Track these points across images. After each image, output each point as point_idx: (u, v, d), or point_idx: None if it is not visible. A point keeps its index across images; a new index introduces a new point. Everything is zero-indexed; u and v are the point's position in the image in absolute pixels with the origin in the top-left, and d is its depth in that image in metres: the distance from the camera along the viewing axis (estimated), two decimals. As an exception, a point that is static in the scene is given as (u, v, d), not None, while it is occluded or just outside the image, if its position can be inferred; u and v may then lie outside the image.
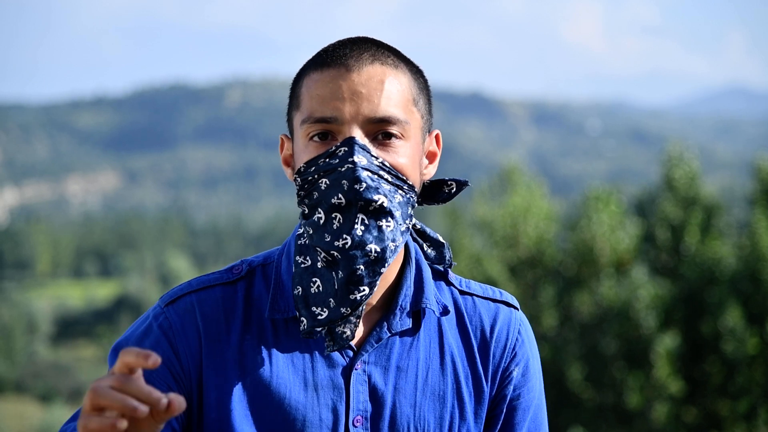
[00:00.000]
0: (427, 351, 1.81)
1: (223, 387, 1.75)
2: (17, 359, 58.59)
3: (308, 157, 1.73)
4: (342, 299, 1.70)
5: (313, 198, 1.72)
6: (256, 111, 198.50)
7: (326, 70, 1.74)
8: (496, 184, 22.63)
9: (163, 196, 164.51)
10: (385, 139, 1.73)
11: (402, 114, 1.73)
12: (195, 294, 1.79)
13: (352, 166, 1.68)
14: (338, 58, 1.74)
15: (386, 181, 1.71)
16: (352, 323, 1.73)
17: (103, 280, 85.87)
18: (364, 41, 1.78)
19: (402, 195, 1.73)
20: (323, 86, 1.73)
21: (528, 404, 1.87)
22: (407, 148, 1.74)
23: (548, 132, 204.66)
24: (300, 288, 1.74)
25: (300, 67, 1.80)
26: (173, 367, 1.74)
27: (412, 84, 1.77)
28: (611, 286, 19.36)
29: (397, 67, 1.76)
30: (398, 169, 1.72)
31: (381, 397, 1.78)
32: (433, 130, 1.83)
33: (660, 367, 18.38)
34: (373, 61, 1.74)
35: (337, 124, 1.71)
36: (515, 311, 1.89)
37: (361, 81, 1.72)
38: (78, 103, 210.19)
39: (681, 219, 19.88)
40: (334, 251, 1.69)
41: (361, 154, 1.69)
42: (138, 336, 1.76)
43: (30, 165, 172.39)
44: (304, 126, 1.74)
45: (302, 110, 1.75)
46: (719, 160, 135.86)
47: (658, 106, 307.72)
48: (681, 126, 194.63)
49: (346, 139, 1.70)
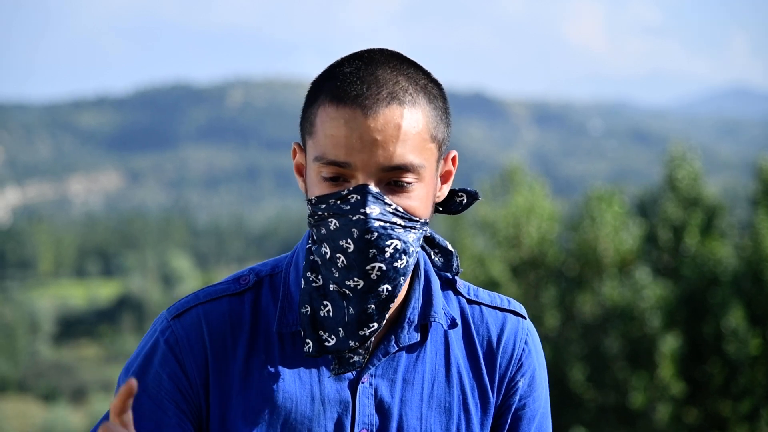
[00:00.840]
0: (433, 363, 1.80)
1: (228, 401, 1.74)
2: (20, 359, 58.62)
3: (320, 192, 1.70)
4: (352, 333, 1.69)
5: (321, 232, 1.70)
6: (258, 111, 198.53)
7: (342, 108, 1.68)
8: (498, 184, 22.62)
9: (165, 196, 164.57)
10: (398, 184, 1.69)
11: (418, 159, 1.69)
12: (202, 306, 1.78)
13: (364, 218, 1.65)
14: (356, 97, 1.68)
15: (399, 226, 1.68)
16: (361, 354, 1.73)
17: (105, 280, 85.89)
18: (382, 66, 1.72)
19: (415, 233, 1.71)
20: (338, 128, 1.68)
21: (533, 414, 1.86)
22: (421, 189, 1.71)
23: (550, 132, 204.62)
24: (309, 308, 1.73)
25: (315, 82, 1.75)
26: (180, 383, 1.74)
27: (430, 117, 1.72)
28: (614, 286, 19.34)
29: (415, 105, 1.70)
30: (411, 211, 1.70)
31: (388, 410, 1.77)
32: (449, 152, 1.80)
33: (664, 367, 18.37)
34: (391, 101, 1.68)
35: (350, 170, 1.67)
36: (523, 320, 1.88)
37: (377, 127, 1.66)
38: (80, 102, 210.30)
39: (683, 219, 19.85)
40: (346, 289, 1.68)
41: (375, 204, 1.66)
42: (145, 355, 1.76)
43: (32, 165, 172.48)
44: (317, 163, 1.70)
45: (316, 144, 1.71)
46: (721, 160, 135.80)
47: (660, 107, 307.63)
48: (683, 126, 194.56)
49: (359, 187, 1.67)
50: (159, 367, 1.74)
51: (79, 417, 45.56)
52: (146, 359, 1.76)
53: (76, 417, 45.40)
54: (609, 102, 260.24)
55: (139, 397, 1.73)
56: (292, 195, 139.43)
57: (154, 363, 1.75)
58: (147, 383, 1.74)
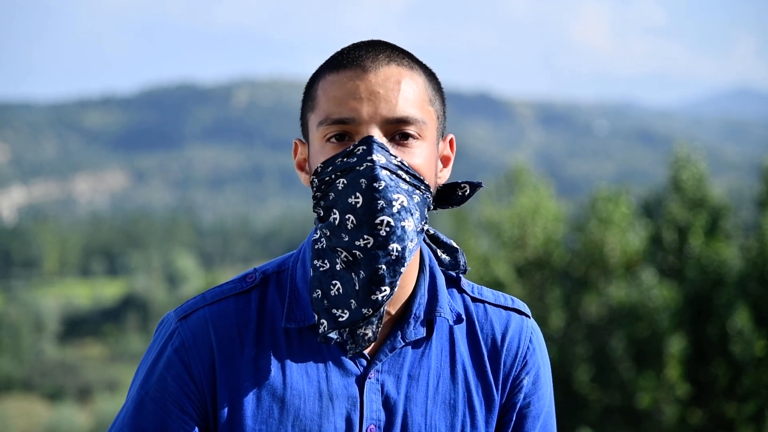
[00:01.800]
0: (438, 359, 1.81)
1: (237, 400, 1.75)
2: (24, 358, 58.65)
3: (325, 157, 1.73)
4: (364, 300, 1.69)
5: (329, 199, 1.71)
6: (264, 111, 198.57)
7: (342, 71, 1.74)
8: (503, 185, 22.59)
9: (171, 195, 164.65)
10: (402, 139, 1.72)
11: (419, 114, 1.73)
12: (208, 308, 1.79)
13: (371, 164, 1.68)
14: (354, 59, 1.74)
15: (404, 181, 1.71)
16: (374, 324, 1.72)
17: (110, 279, 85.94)
18: (378, 43, 1.78)
19: (419, 195, 1.73)
20: (340, 87, 1.72)
21: (538, 412, 1.87)
22: (424, 149, 1.74)
23: (555, 132, 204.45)
24: (320, 291, 1.74)
25: (314, 70, 1.80)
26: (186, 385, 1.75)
27: (427, 85, 1.78)
28: (621, 287, 19.31)
29: (412, 69, 1.76)
30: (416, 168, 1.72)
31: (393, 406, 1.78)
32: (447, 134, 1.84)
33: (671, 368, 18.35)
34: (389, 62, 1.74)
35: (354, 125, 1.71)
36: (527, 319, 1.89)
37: (378, 81, 1.72)
38: (86, 102, 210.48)
39: (688, 220, 19.81)
40: (356, 251, 1.69)
41: (380, 152, 1.69)
42: (152, 357, 1.78)
43: (38, 164, 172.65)
44: (321, 128, 1.73)
45: (318, 112, 1.74)
46: (727, 161, 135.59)
47: (665, 107, 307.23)
48: (688, 127, 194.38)
49: (364, 138, 1.70)
50: (164, 370, 1.75)
51: (85, 416, 45.60)
52: (153, 362, 1.77)
53: (81, 416, 45.44)
54: (614, 102, 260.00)
55: (143, 400, 1.75)
56: (297, 195, 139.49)
57: (159, 366, 1.76)
58: (151, 386, 1.75)
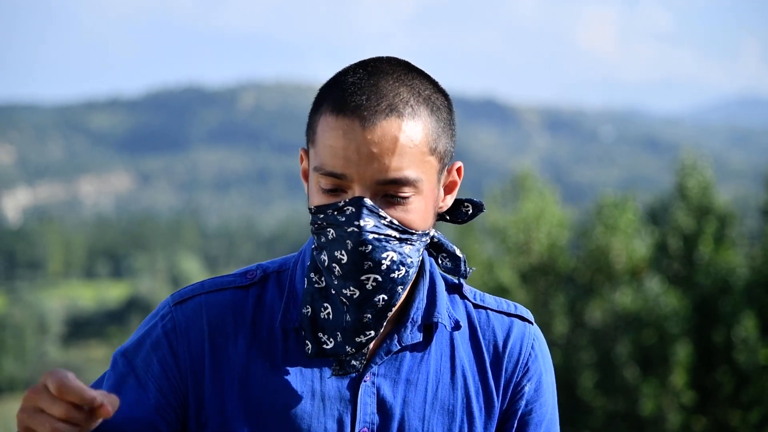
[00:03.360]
0: (437, 364, 1.80)
1: (226, 394, 1.74)
2: (28, 359, 58.71)
3: (319, 202, 1.71)
4: (348, 340, 1.70)
5: (321, 241, 1.70)
6: (270, 114, 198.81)
7: (341, 118, 1.68)
8: (508, 190, 22.58)
9: (176, 197, 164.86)
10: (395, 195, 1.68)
11: (415, 173, 1.68)
12: (205, 296, 1.78)
13: (358, 230, 1.65)
14: (355, 108, 1.68)
15: (394, 239, 1.68)
16: (359, 359, 1.72)
17: (115, 281, 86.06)
18: (386, 77, 1.71)
19: (412, 245, 1.70)
20: (336, 139, 1.68)
21: (540, 419, 1.85)
22: (419, 202, 1.70)
23: (561, 138, 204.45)
24: (309, 309, 1.73)
25: (321, 90, 1.75)
26: (170, 369, 1.74)
27: (430, 129, 1.71)
28: (626, 293, 19.28)
29: (414, 117, 1.69)
30: (407, 224, 1.69)
31: (389, 410, 1.76)
32: (454, 163, 1.79)
33: (676, 375, 18.32)
34: (390, 112, 1.67)
35: (346, 181, 1.67)
36: (529, 325, 1.87)
37: (374, 140, 1.66)
38: (92, 104, 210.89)
39: (694, 228, 19.78)
40: (343, 297, 1.69)
41: (369, 216, 1.66)
42: (142, 335, 1.77)
43: (43, 165, 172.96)
44: (315, 173, 1.71)
45: (316, 153, 1.72)
46: (733, 169, 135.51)
47: (671, 114, 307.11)
48: (695, 134, 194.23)
49: (354, 199, 1.67)
50: (150, 349, 1.75)
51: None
52: (141, 339, 1.76)
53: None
54: (620, 109, 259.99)
55: (126, 375, 1.75)
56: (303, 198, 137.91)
57: (147, 344, 1.75)
58: (137, 363, 1.75)
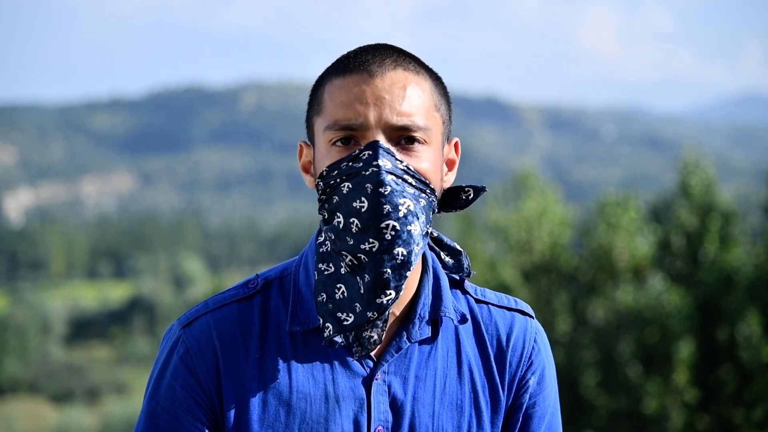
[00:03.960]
0: (444, 360, 1.81)
1: (243, 405, 1.75)
2: (31, 359, 58.73)
3: (331, 161, 1.73)
4: (369, 303, 1.70)
5: (333, 202, 1.72)
6: (271, 114, 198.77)
7: (349, 75, 1.74)
8: (510, 189, 22.57)
9: (178, 198, 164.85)
10: (408, 143, 1.73)
11: (424, 120, 1.73)
12: (211, 314, 1.80)
13: (377, 170, 1.68)
14: (361, 63, 1.74)
15: (410, 185, 1.71)
16: (379, 327, 1.73)
17: (117, 282, 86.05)
18: (385, 47, 1.78)
19: (425, 198, 1.73)
20: (346, 92, 1.72)
21: (544, 412, 1.87)
22: (429, 153, 1.74)
23: (563, 137, 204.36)
24: (324, 295, 1.74)
25: (320, 73, 1.80)
26: (194, 392, 1.76)
27: (433, 89, 1.77)
28: (629, 292, 19.27)
29: (419, 73, 1.76)
30: (422, 173, 1.73)
31: (401, 407, 1.78)
32: (452, 137, 1.84)
33: (679, 373, 18.31)
34: (396, 66, 1.74)
35: (361, 130, 1.71)
36: (531, 320, 1.89)
37: (384, 86, 1.72)
38: (94, 104, 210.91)
39: (696, 226, 19.78)
40: (361, 254, 1.69)
41: (386, 157, 1.69)
42: (159, 367, 1.80)
43: (45, 166, 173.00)
44: (327, 132, 1.73)
45: (325, 116, 1.74)
46: (734, 167, 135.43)
47: (673, 113, 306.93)
48: (697, 133, 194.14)
49: (370, 143, 1.70)
50: (171, 379, 1.77)
51: (92, 418, 45.66)
52: (160, 372, 1.79)
53: (89, 418, 45.50)
54: (622, 108, 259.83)
55: (155, 410, 1.77)
56: (304, 198, 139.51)
57: (167, 375, 1.78)
58: (161, 396, 1.77)
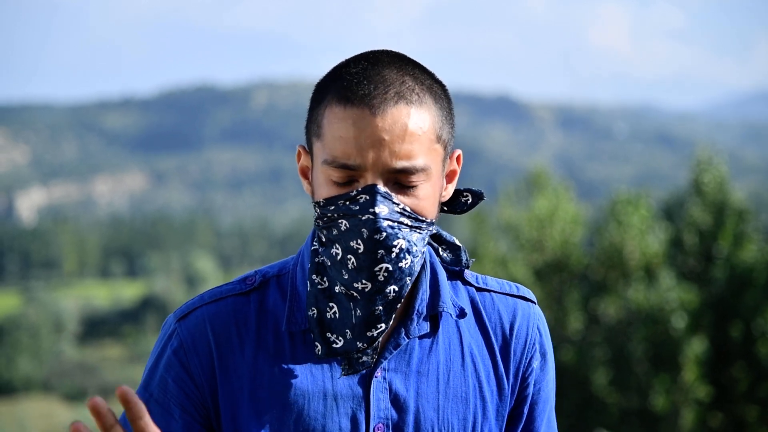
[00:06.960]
0: (447, 353, 1.80)
1: (238, 401, 1.74)
2: (44, 358, 58.95)
3: (328, 194, 1.70)
4: (359, 335, 1.70)
5: (332, 233, 1.70)
6: (283, 113, 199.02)
7: (349, 108, 1.68)
8: (522, 187, 22.57)
9: (190, 197, 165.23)
10: (406, 183, 1.69)
11: (424, 161, 1.69)
12: (206, 307, 1.78)
13: (373, 218, 1.66)
14: (363, 97, 1.68)
15: (406, 226, 1.68)
16: (369, 354, 1.73)
17: (130, 281, 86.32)
18: (390, 67, 1.72)
19: (420, 233, 1.71)
20: (346, 129, 1.68)
21: (547, 396, 1.88)
22: (428, 189, 1.71)
23: (575, 135, 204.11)
24: (315, 310, 1.73)
25: (321, 81, 1.75)
26: (186, 386, 1.75)
27: (436, 117, 1.72)
28: (640, 290, 19.25)
29: (421, 104, 1.70)
30: (418, 211, 1.70)
31: (404, 403, 1.76)
32: (454, 151, 1.80)
33: (688, 371, 18.28)
34: (398, 100, 1.68)
35: (359, 171, 1.67)
36: (533, 305, 1.88)
37: (385, 126, 1.66)
38: (106, 104, 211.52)
39: (709, 224, 19.73)
40: (353, 291, 1.69)
41: (383, 203, 1.67)
42: (153, 360, 1.78)
43: (58, 165, 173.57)
44: (325, 166, 1.70)
45: (323, 145, 1.70)
46: (747, 164, 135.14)
47: (686, 110, 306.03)
48: (709, 130, 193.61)
49: (367, 187, 1.67)
50: (164, 372, 1.76)
51: (103, 417, 45.78)
52: (154, 364, 1.78)
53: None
54: (634, 105, 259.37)
55: (147, 402, 1.76)
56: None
57: (160, 368, 1.76)
58: (153, 388, 1.76)
